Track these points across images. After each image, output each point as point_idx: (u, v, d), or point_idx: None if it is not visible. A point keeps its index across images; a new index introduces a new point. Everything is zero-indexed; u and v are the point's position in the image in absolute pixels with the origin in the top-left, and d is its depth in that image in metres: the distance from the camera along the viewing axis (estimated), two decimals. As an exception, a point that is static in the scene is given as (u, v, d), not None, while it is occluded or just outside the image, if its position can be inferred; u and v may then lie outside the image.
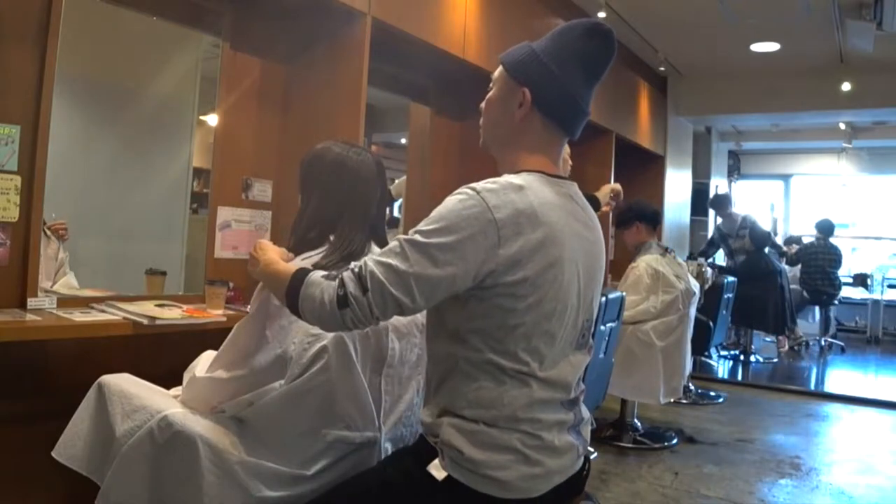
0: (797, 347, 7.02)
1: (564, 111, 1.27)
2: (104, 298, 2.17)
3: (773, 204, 9.45)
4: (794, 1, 4.28)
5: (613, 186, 3.54)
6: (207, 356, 1.61)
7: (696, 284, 3.83)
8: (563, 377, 1.23)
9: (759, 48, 5.24)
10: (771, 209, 9.32)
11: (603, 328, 2.86)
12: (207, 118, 2.69)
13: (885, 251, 8.85)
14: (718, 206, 6.46)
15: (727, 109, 6.37)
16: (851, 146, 8.24)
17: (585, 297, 1.25)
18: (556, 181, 1.25)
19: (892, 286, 8.31)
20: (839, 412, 4.80)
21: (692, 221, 7.01)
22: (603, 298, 2.69)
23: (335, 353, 1.39)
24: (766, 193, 9.71)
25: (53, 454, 1.54)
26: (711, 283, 4.86)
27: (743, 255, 6.11)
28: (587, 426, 1.33)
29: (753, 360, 6.38)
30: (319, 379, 1.39)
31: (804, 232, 8.10)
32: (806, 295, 7.03)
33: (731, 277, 5.14)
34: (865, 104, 5.73)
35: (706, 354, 5.52)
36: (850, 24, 4.34)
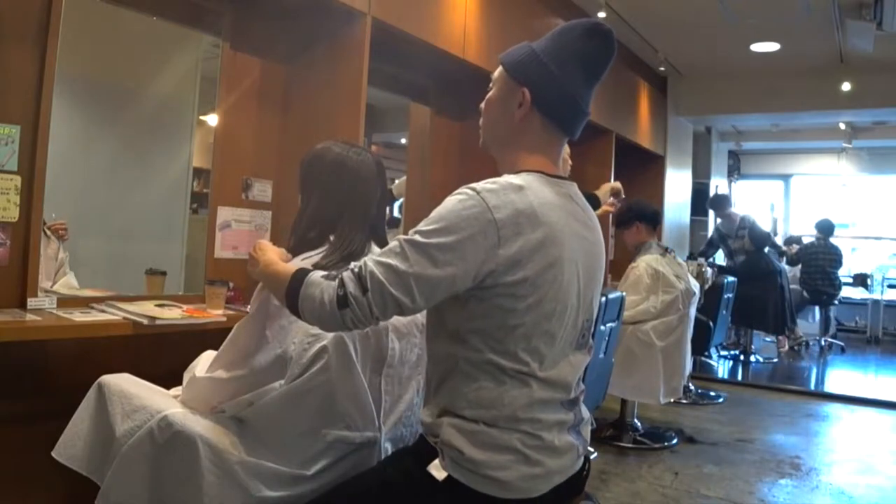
0: (797, 347, 7.02)
1: (564, 111, 1.27)
2: (104, 298, 2.17)
3: (773, 204, 9.44)
4: (794, 1, 4.28)
5: (613, 185, 3.55)
6: (207, 356, 1.61)
7: (696, 284, 3.83)
8: (563, 377, 1.23)
9: (759, 48, 5.24)
10: (771, 209, 9.32)
11: (603, 328, 2.86)
12: (207, 118, 2.69)
13: (885, 251, 8.85)
14: (717, 206, 6.46)
15: (727, 109, 6.37)
16: (851, 146, 8.24)
17: (585, 297, 1.25)
18: (555, 181, 1.26)
19: (892, 286, 8.31)
20: (839, 412, 4.80)
21: (692, 221, 7.01)
22: (603, 298, 2.69)
23: (335, 353, 1.39)
24: (766, 193, 9.71)
25: (53, 454, 1.54)
26: (711, 283, 4.86)
27: (742, 255, 6.11)
28: (587, 426, 1.33)
29: (753, 360, 6.38)
30: (319, 379, 1.39)
31: (804, 232, 8.09)
32: (806, 295, 7.03)
33: (731, 277, 5.13)
34: (865, 104, 5.73)
35: (706, 354, 5.52)
36: (850, 24, 4.34)
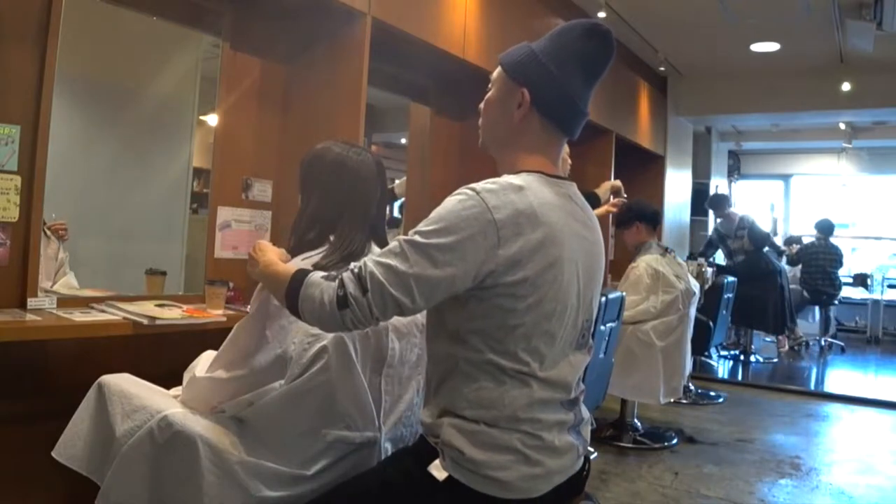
0: (797, 347, 7.02)
1: (563, 111, 1.27)
2: (104, 298, 2.17)
3: (773, 204, 9.45)
4: (794, 1, 4.28)
5: (613, 183, 3.55)
6: (207, 356, 1.61)
7: (696, 284, 3.83)
8: (563, 377, 1.23)
9: (759, 48, 5.24)
10: (771, 209, 9.32)
11: (603, 328, 2.86)
12: (207, 118, 2.69)
13: (885, 251, 8.85)
14: (716, 206, 6.47)
15: (727, 109, 6.37)
16: (851, 146, 8.24)
17: (585, 297, 1.25)
18: (555, 181, 1.26)
19: (892, 286, 8.31)
20: (839, 412, 4.80)
21: (692, 221, 7.02)
22: (603, 298, 2.69)
23: (335, 353, 1.39)
24: (766, 193, 9.71)
25: (53, 454, 1.54)
26: (711, 283, 4.86)
27: (742, 255, 6.12)
28: (587, 426, 1.33)
29: (753, 360, 6.38)
30: (319, 379, 1.39)
31: (804, 232, 8.10)
32: (806, 295, 7.03)
33: (730, 277, 5.13)
34: (865, 104, 5.73)
35: (706, 354, 5.52)
36: (850, 24, 4.34)
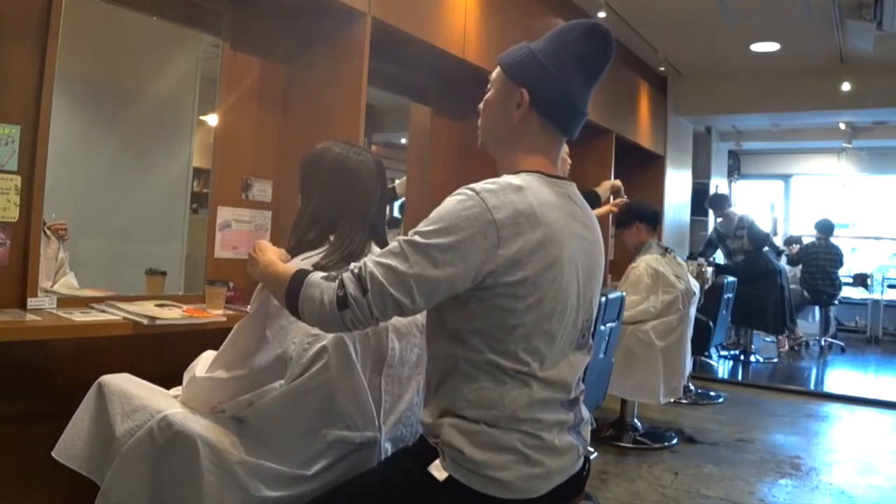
0: (797, 347, 7.02)
1: (563, 112, 1.27)
2: (104, 298, 2.17)
3: (773, 204, 9.45)
4: (794, 1, 4.28)
5: (613, 183, 3.57)
6: (207, 356, 1.61)
7: (696, 284, 3.83)
8: (563, 377, 1.23)
9: (759, 48, 5.24)
10: (771, 209, 9.32)
11: (603, 328, 2.86)
12: (207, 118, 2.69)
13: (885, 251, 8.85)
14: (716, 205, 6.48)
15: (727, 109, 6.37)
16: (851, 146, 8.24)
17: (585, 297, 1.25)
18: (554, 181, 1.26)
19: (892, 286, 8.31)
20: (839, 412, 4.80)
21: (692, 221, 7.02)
22: (603, 298, 2.69)
23: (335, 353, 1.39)
24: (766, 193, 9.71)
25: (53, 454, 1.54)
26: (711, 282, 4.86)
27: (741, 255, 6.12)
28: (587, 426, 1.33)
29: (753, 360, 6.38)
30: (319, 379, 1.39)
31: (804, 232, 8.10)
32: (806, 295, 7.04)
33: (730, 277, 5.14)
34: (865, 104, 5.73)
35: (706, 354, 5.52)
36: (850, 24, 4.34)
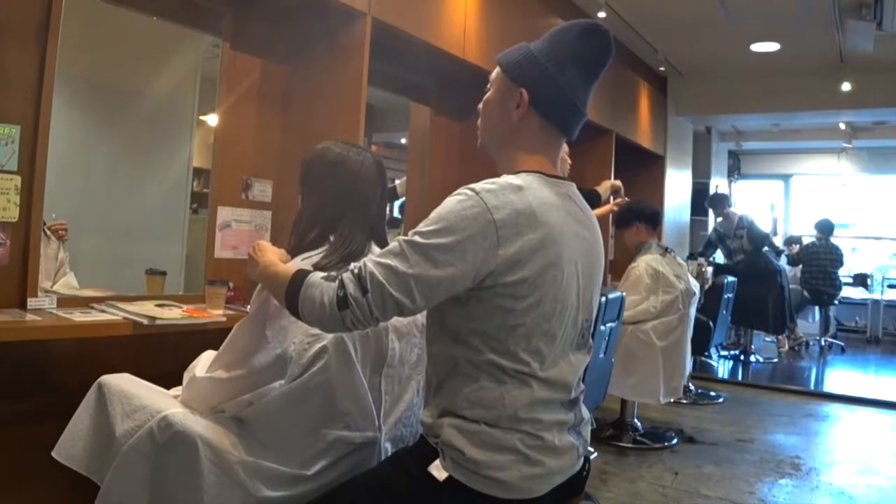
0: (797, 347, 7.03)
1: (562, 112, 1.27)
2: (104, 298, 2.17)
3: (773, 204, 9.45)
4: (794, 1, 4.28)
5: (613, 183, 3.57)
6: (207, 356, 1.61)
7: (696, 284, 3.83)
8: (563, 377, 1.23)
9: (759, 48, 5.23)
10: (771, 209, 9.33)
11: (603, 328, 2.86)
12: (207, 118, 2.69)
13: (885, 251, 8.85)
14: (715, 205, 6.48)
15: (727, 109, 6.37)
16: (851, 146, 8.24)
17: (585, 296, 1.26)
18: (554, 181, 1.26)
19: (892, 286, 8.31)
20: (839, 412, 4.80)
21: (692, 221, 7.02)
22: (603, 298, 2.69)
23: (335, 353, 1.39)
24: (766, 193, 9.71)
25: (53, 454, 1.54)
26: (711, 282, 4.86)
27: (741, 255, 6.12)
28: (587, 426, 1.33)
29: (753, 360, 6.38)
30: (319, 379, 1.39)
31: (804, 232, 8.10)
32: (807, 295, 7.04)
33: (730, 277, 5.14)
34: (865, 104, 5.73)
35: (706, 354, 5.52)
36: (850, 24, 4.34)
